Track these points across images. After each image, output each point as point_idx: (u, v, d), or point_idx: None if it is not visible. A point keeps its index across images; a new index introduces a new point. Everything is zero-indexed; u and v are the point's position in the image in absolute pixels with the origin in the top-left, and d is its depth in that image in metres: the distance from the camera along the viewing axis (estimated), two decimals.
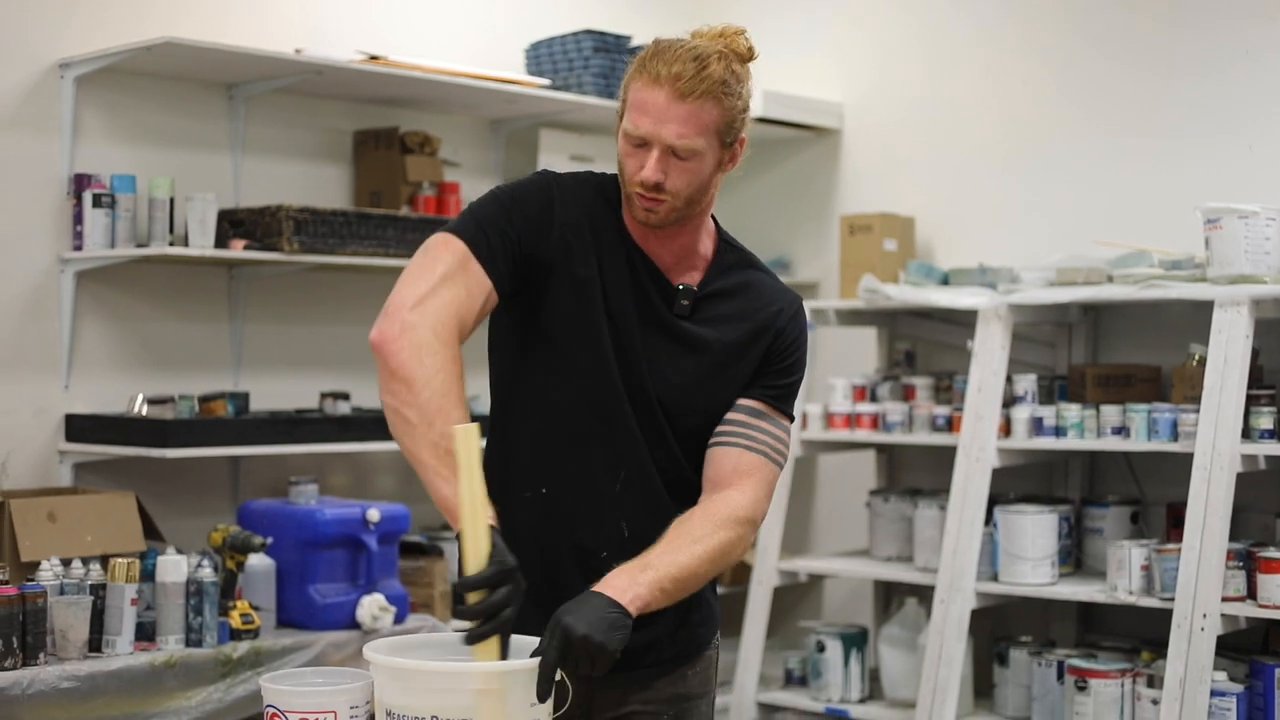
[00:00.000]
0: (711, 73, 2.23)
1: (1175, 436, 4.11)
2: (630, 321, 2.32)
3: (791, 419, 2.39)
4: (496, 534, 2.05)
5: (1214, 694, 3.87)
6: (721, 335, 2.34)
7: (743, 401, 2.34)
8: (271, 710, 2.21)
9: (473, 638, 2.04)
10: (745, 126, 2.32)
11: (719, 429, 2.33)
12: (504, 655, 2.07)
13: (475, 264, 2.21)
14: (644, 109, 2.22)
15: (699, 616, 2.44)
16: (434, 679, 2.07)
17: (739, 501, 2.28)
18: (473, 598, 2.03)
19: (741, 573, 5.08)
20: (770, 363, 2.36)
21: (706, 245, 2.38)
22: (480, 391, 2.49)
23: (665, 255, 2.35)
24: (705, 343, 2.34)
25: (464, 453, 2.02)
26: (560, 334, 2.31)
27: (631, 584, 2.13)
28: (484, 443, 2.26)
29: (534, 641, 2.18)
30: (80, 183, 4.08)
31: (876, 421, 4.78)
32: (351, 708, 2.21)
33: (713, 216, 2.41)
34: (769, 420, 2.34)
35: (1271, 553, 3.90)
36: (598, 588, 2.11)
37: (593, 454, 2.33)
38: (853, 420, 4.80)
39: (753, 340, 2.35)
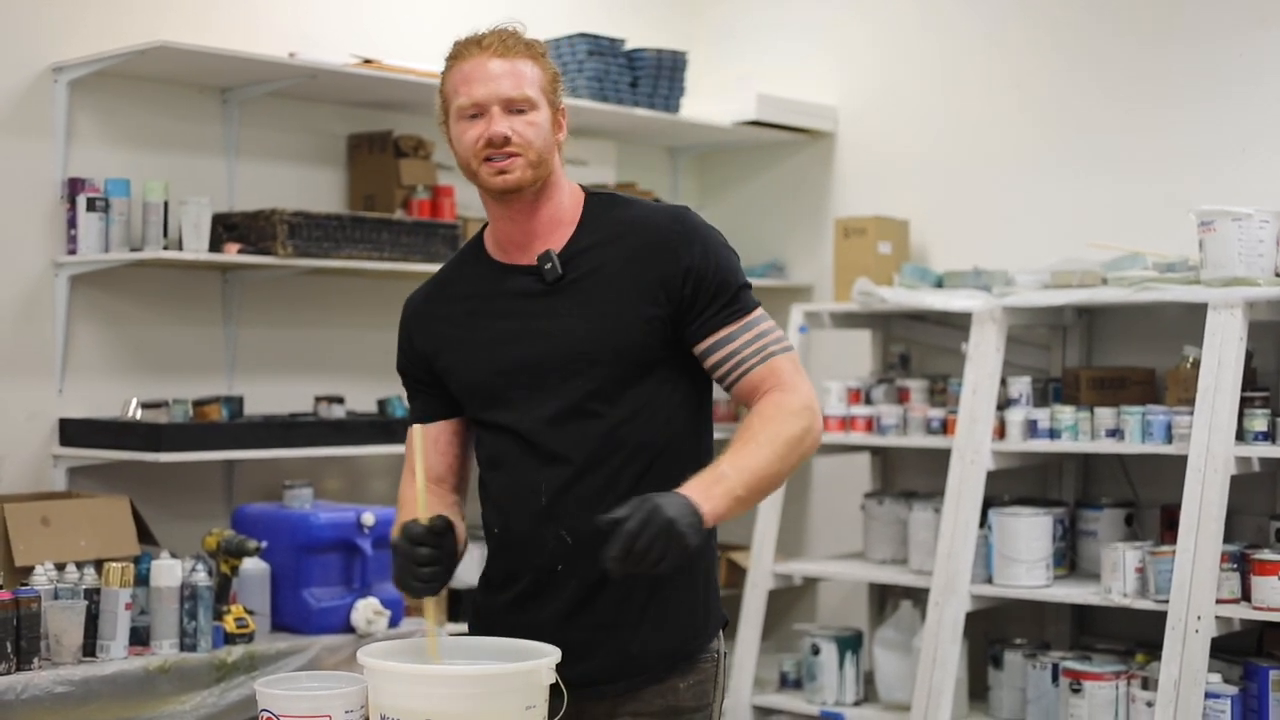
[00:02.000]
0: (521, 36, 2.37)
1: (1169, 439, 4.11)
2: (505, 342, 2.40)
3: (757, 304, 2.40)
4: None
5: (1208, 696, 3.87)
6: (607, 281, 2.36)
7: (714, 340, 2.36)
8: (266, 714, 2.23)
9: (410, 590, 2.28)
10: (562, 95, 2.42)
11: (718, 375, 2.38)
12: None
13: (431, 429, 2.49)
14: (470, 79, 2.33)
15: (685, 621, 2.42)
16: (428, 682, 2.09)
17: (784, 398, 2.32)
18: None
19: (735, 575, 5.09)
20: (698, 295, 2.35)
21: (572, 209, 2.43)
22: None
23: (531, 232, 2.39)
24: (587, 295, 2.36)
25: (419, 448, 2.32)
26: (464, 399, 2.48)
27: (706, 497, 2.18)
28: None
29: (512, 643, 2.23)
30: (74, 186, 4.08)
31: (871, 424, 4.78)
32: (346, 711, 2.23)
33: (581, 185, 2.47)
34: (746, 330, 2.37)
35: (1266, 555, 3.90)
36: (693, 503, 2.17)
37: (514, 481, 2.41)
38: (847, 423, 4.81)
39: (644, 278, 2.35)
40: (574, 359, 2.35)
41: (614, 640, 2.37)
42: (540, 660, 2.12)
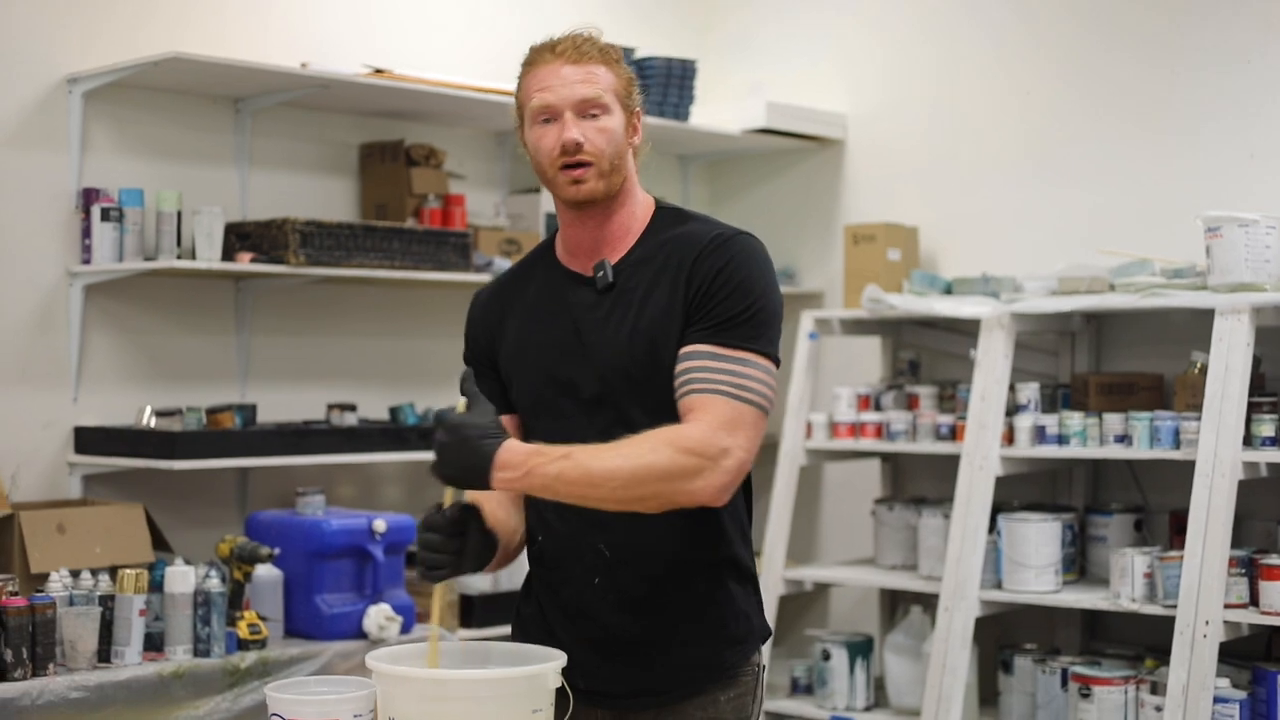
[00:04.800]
0: (595, 41, 2.37)
1: (1177, 444, 4.12)
2: (554, 348, 2.38)
3: (757, 351, 2.26)
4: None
5: (1217, 700, 3.88)
6: (645, 295, 2.33)
7: (684, 350, 2.27)
8: (276, 718, 2.24)
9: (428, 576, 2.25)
10: (637, 99, 2.41)
11: (674, 385, 2.28)
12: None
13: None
14: (544, 85, 2.32)
15: (726, 633, 2.41)
16: (435, 687, 2.11)
17: (686, 431, 2.19)
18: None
19: None
20: (701, 305, 2.28)
21: (639, 220, 2.40)
22: None
23: (600, 240, 2.38)
24: (627, 308, 2.34)
25: None
26: (518, 402, 2.45)
27: (523, 464, 2.14)
28: None
29: (522, 648, 2.26)
30: (88, 197, 4.12)
31: (880, 430, 4.80)
32: (355, 716, 2.25)
33: (658, 201, 2.44)
34: (717, 359, 2.24)
35: (1273, 559, 3.91)
36: (508, 444, 2.15)
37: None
38: (857, 429, 4.83)
39: (674, 291, 2.30)
40: (616, 372, 2.33)
41: (654, 652, 2.38)
42: (545, 665, 2.14)
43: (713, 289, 2.28)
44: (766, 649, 4.69)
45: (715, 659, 2.40)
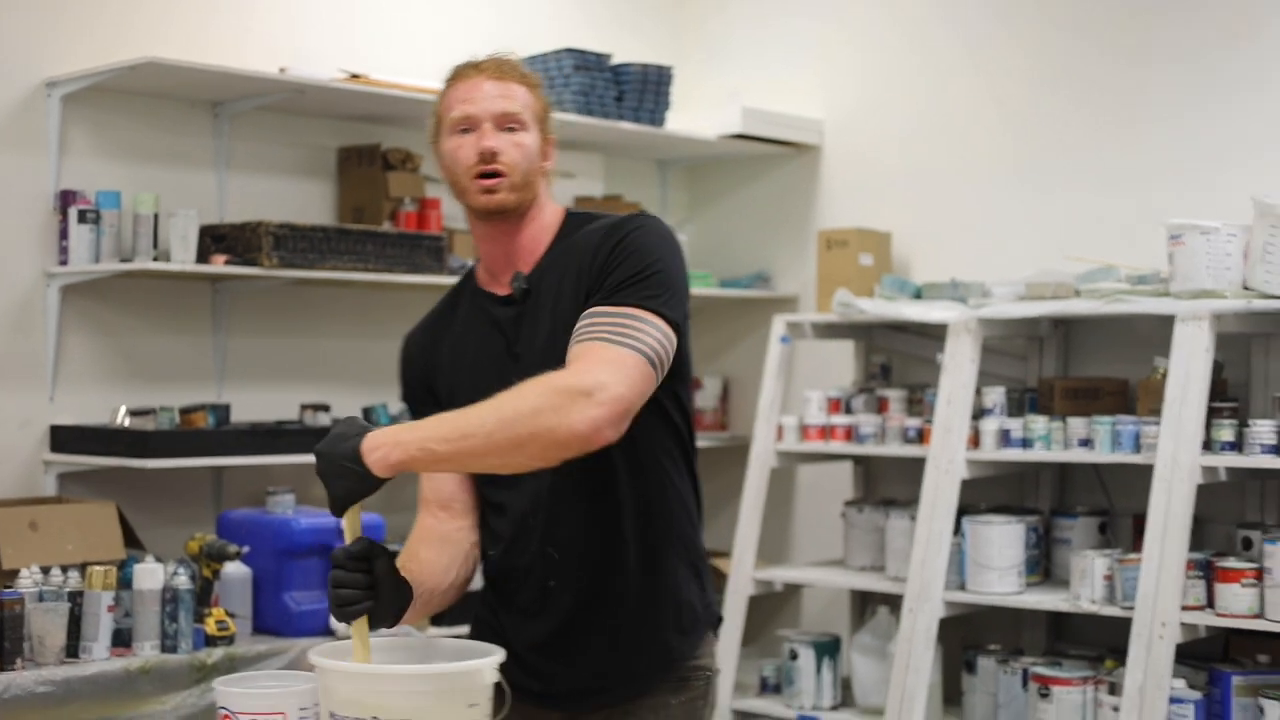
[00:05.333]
0: (517, 64, 2.44)
1: (1138, 448, 4.18)
2: (482, 368, 2.44)
3: (650, 309, 2.25)
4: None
5: (1173, 701, 3.94)
6: (555, 294, 2.39)
7: (584, 312, 2.29)
8: (224, 712, 2.30)
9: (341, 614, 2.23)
10: (553, 124, 2.47)
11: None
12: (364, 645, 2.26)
13: None
14: (465, 98, 2.40)
15: (676, 628, 2.46)
16: (372, 681, 2.17)
17: (559, 375, 2.17)
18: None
19: (717, 581, 5.16)
20: (598, 277, 2.32)
21: (549, 230, 2.47)
22: None
23: (512, 254, 2.44)
24: (540, 312, 2.40)
25: None
26: None
27: (395, 441, 2.12)
28: None
29: (471, 645, 2.31)
30: (66, 199, 4.18)
31: (850, 433, 4.86)
32: (301, 709, 2.30)
33: (565, 209, 2.51)
34: (605, 315, 2.25)
35: (1230, 563, 3.97)
36: (373, 431, 2.15)
37: (500, 504, 2.46)
38: (827, 432, 4.89)
39: (579, 282, 2.35)
40: (535, 374, 2.39)
41: (603, 648, 2.44)
42: (481, 661, 2.19)
43: (610, 261, 2.32)
44: (734, 653, 4.79)
45: (663, 650, 2.45)
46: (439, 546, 2.45)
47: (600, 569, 2.43)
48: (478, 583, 2.57)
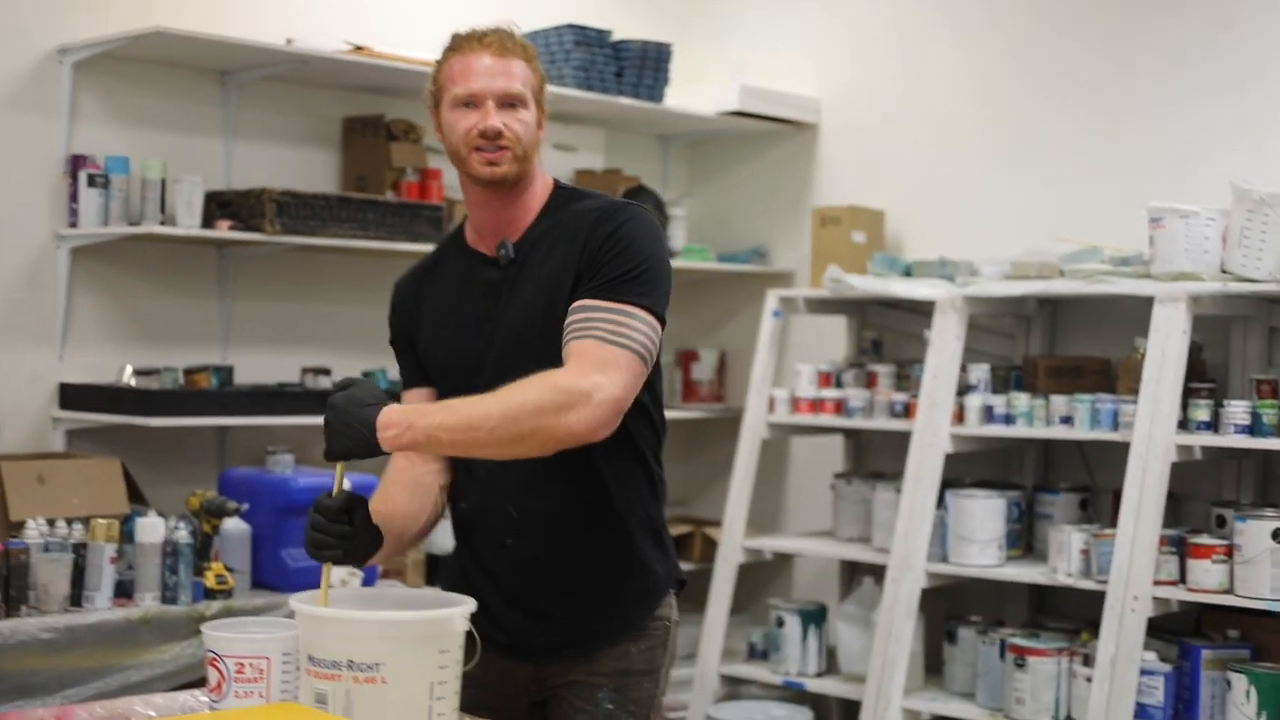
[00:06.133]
0: (519, 39, 2.52)
1: (1116, 426, 4.28)
2: (464, 327, 2.54)
3: (640, 305, 2.39)
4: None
5: (1143, 673, 4.04)
6: (540, 266, 2.49)
7: (574, 305, 2.40)
8: (211, 655, 2.40)
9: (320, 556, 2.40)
10: (546, 95, 2.56)
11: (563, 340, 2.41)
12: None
13: (416, 394, 2.64)
14: (469, 73, 2.47)
15: (635, 587, 2.58)
16: (348, 626, 2.28)
17: (557, 372, 2.32)
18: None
19: (709, 550, 5.28)
20: (590, 267, 2.42)
21: (539, 199, 2.56)
22: None
23: (502, 220, 2.54)
24: (525, 281, 2.50)
25: None
26: (435, 378, 2.62)
27: (406, 424, 2.27)
28: None
29: (443, 595, 2.43)
30: (76, 163, 4.30)
31: (840, 407, 4.96)
32: (284, 654, 2.40)
33: (555, 180, 2.60)
34: (598, 310, 2.37)
35: (1202, 539, 4.06)
36: (388, 408, 2.30)
37: (468, 461, 2.54)
38: (817, 405, 4.99)
39: (567, 259, 2.45)
40: (515, 342, 2.49)
41: (564, 607, 2.56)
42: (452, 610, 2.30)
43: (602, 252, 2.43)
44: (723, 620, 4.90)
45: (621, 612, 2.57)
46: (411, 490, 2.58)
47: (562, 531, 2.54)
48: (449, 542, 2.68)
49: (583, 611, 2.56)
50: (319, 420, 4.40)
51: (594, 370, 2.31)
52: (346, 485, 2.45)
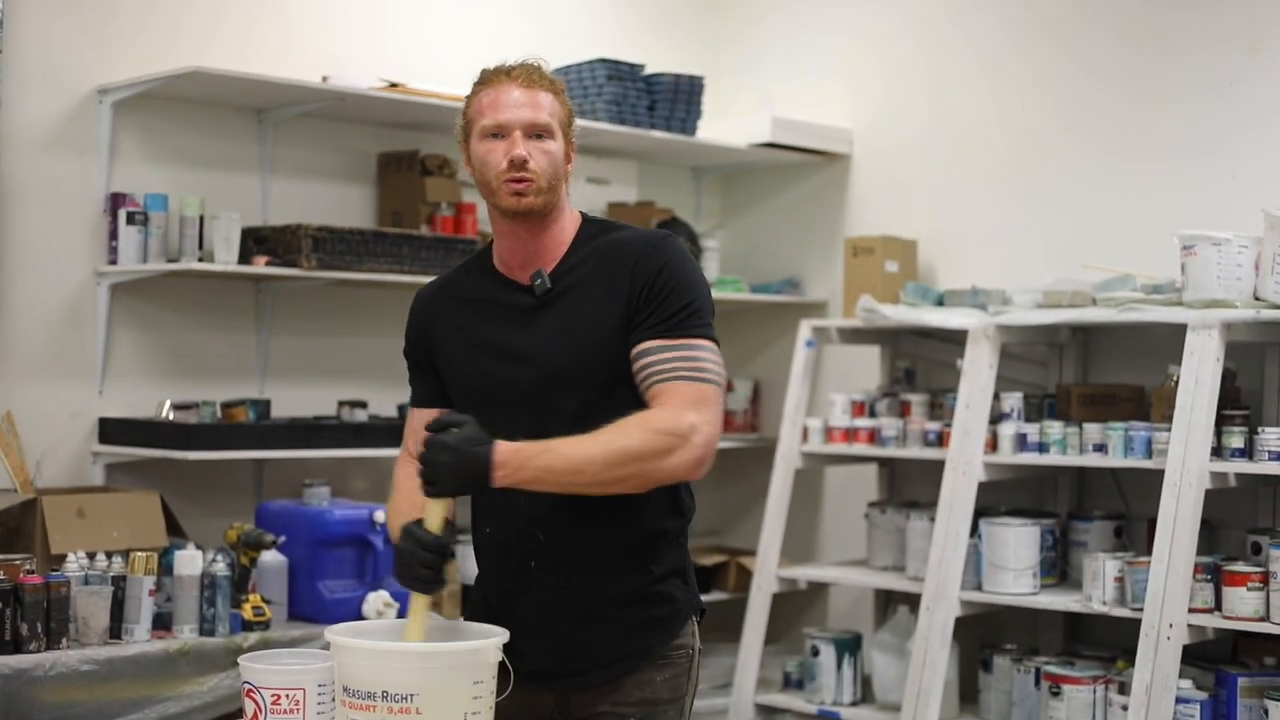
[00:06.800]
0: (547, 73, 2.57)
1: (1150, 454, 4.27)
2: (494, 351, 2.58)
3: (705, 337, 2.49)
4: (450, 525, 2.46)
5: (1179, 701, 4.03)
6: (582, 298, 2.54)
7: (638, 349, 2.48)
8: (248, 686, 2.44)
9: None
10: (575, 130, 2.61)
11: (637, 382, 2.48)
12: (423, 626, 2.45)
13: (429, 412, 2.64)
14: (497, 105, 2.52)
15: (657, 615, 2.59)
16: (382, 658, 2.31)
17: (655, 414, 2.41)
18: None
19: (743, 579, 5.29)
20: (646, 304, 2.49)
21: (568, 231, 2.60)
22: None
23: (532, 252, 2.57)
24: (566, 312, 2.54)
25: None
26: (455, 397, 2.66)
27: (516, 454, 2.35)
28: None
29: (476, 626, 2.46)
30: (116, 201, 4.37)
31: (873, 436, 4.98)
32: (320, 685, 2.43)
33: (581, 212, 2.65)
34: (670, 349, 2.46)
35: (1238, 566, 4.05)
36: (496, 446, 2.35)
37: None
38: (851, 434, 5.01)
39: (613, 293, 2.51)
40: (554, 371, 2.53)
41: (591, 636, 2.57)
42: (485, 641, 2.33)
43: (655, 289, 2.50)
44: (758, 649, 4.91)
45: (642, 640, 2.58)
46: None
47: (588, 557, 2.56)
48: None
49: (603, 639, 2.58)
50: (355, 453, 4.52)
51: (689, 410, 2.41)
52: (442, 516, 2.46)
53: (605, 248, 2.57)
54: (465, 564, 4.43)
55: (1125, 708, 4.13)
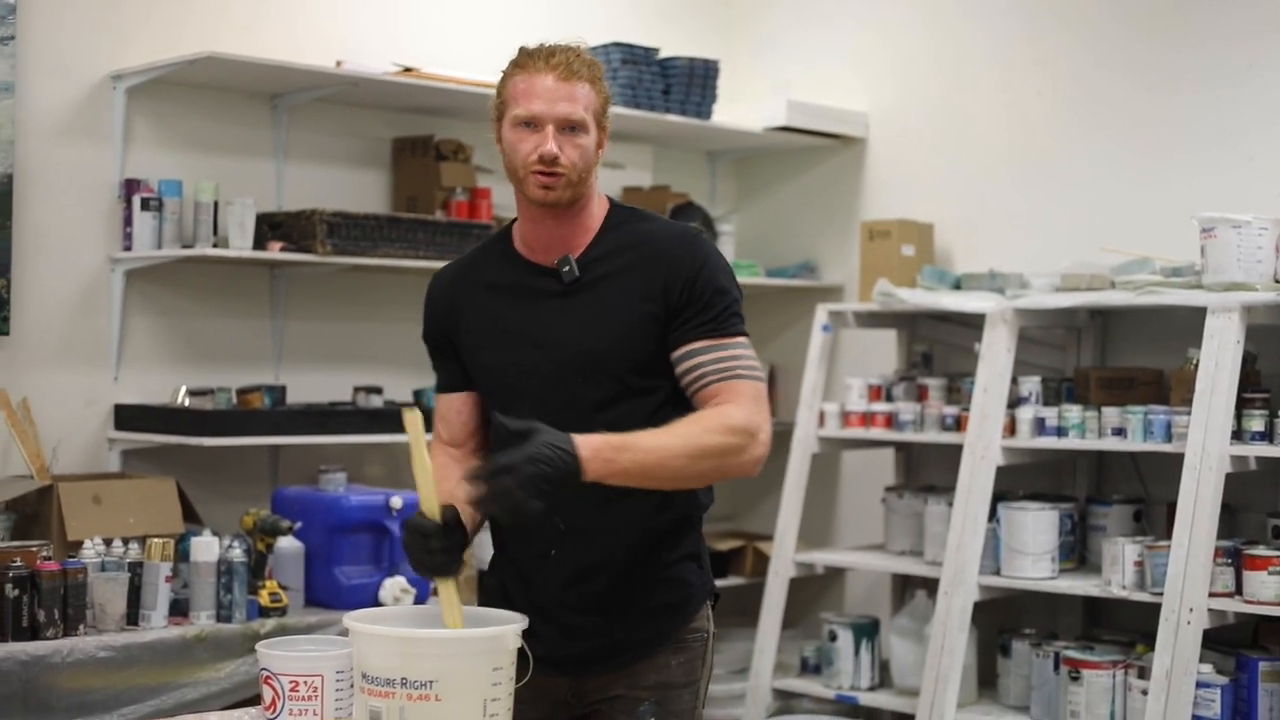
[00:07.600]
0: (586, 60, 2.51)
1: (1169, 438, 4.25)
2: (518, 335, 2.55)
3: (743, 334, 2.52)
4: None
5: (1199, 686, 4.01)
6: (611, 289, 2.52)
7: (687, 349, 2.49)
8: (265, 673, 2.44)
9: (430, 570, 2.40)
10: (609, 115, 2.58)
11: (684, 384, 2.49)
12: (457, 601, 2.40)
13: (454, 398, 2.68)
14: (532, 94, 2.47)
15: (673, 600, 2.59)
16: (401, 644, 2.30)
17: (730, 412, 2.42)
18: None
19: (760, 563, 5.28)
20: (689, 304, 2.49)
21: (596, 218, 2.58)
22: None
23: (559, 239, 2.55)
24: (594, 302, 2.52)
25: (412, 433, 2.34)
26: (478, 381, 2.64)
27: (601, 450, 2.30)
28: None
29: (495, 613, 2.44)
30: (130, 187, 4.35)
31: (890, 420, 4.96)
32: (337, 672, 2.43)
33: (608, 198, 2.62)
34: (719, 349, 2.48)
35: (1258, 550, 4.03)
36: (578, 442, 2.29)
37: None
38: (868, 419, 4.99)
39: (644, 287, 2.50)
40: (580, 358, 2.51)
41: (601, 621, 2.57)
42: (505, 627, 2.32)
43: (696, 290, 2.49)
44: (775, 634, 4.89)
45: (656, 625, 2.58)
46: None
47: (607, 544, 2.55)
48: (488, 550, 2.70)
49: (618, 625, 2.57)
50: (371, 439, 4.51)
51: (754, 409, 2.45)
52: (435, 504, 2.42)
53: (635, 239, 2.55)
54: (480, 549, 4.43)
55: (1145, 693, 4.11)
